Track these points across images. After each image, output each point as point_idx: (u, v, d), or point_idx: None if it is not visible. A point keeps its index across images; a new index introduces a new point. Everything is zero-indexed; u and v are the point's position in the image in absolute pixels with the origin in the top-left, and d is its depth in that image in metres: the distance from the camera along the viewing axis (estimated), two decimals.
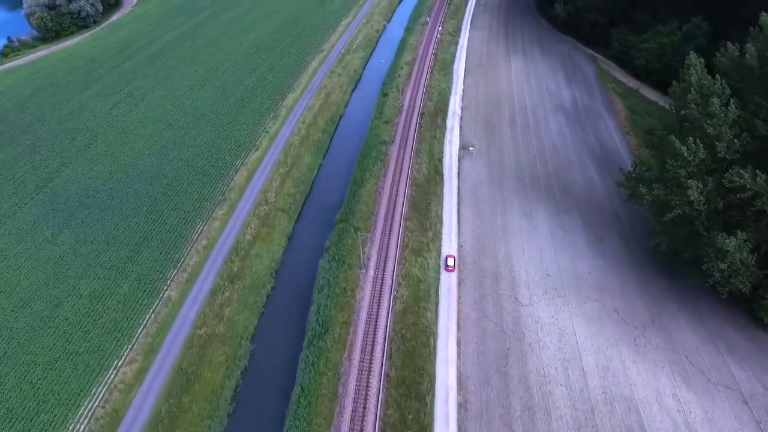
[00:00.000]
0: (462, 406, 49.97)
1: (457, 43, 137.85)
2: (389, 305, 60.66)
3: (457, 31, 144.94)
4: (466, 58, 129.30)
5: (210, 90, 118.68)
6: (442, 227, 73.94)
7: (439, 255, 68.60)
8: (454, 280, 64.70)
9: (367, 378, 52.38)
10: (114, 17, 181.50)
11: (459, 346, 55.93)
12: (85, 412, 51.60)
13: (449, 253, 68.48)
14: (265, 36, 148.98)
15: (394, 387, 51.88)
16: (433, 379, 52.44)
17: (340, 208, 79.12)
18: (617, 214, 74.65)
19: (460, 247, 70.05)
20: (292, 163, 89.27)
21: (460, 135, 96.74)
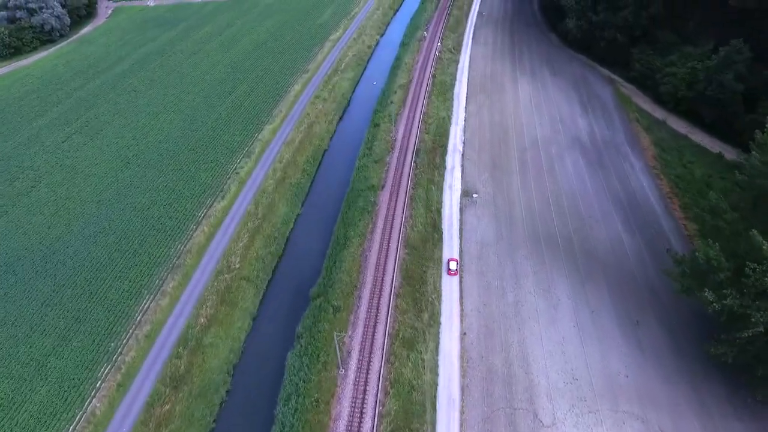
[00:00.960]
0: None
1: (457, 61, 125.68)
2: (373, 426, 47.92)
3: (457, 48, 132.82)
4: (468, 79, 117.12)
5: (178, 119, 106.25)
6: (440, 305, 61.37)
7: (437, 347, 56.05)
8: (456, 385, 52.04)
9: None
10: (85, 30, 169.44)
11: None
12: None
13: (449, 346, 55.90)
14: (244, 53, 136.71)
15: None
16: None
17: (318, 277, 66.55)
18: (653, 287, 62.22)
19: (463, 335, 57.46)
20: (263, 214, 76.71)
21: (462, 177, 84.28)
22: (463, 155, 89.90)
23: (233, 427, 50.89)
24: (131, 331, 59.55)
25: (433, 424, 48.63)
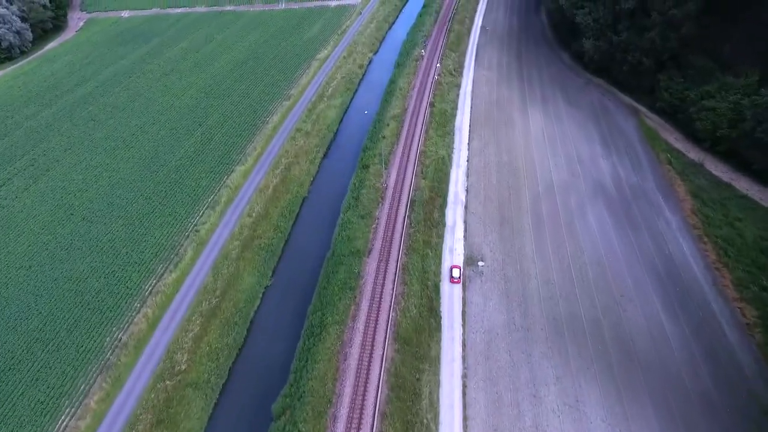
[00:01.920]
0: None
1: (458, 85, 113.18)
2: None
3: (458, 69, 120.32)
4: (471, 107, 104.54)
5: (137, 156, 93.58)
6: (437, 428, 48.47)
7: None
8: None
9: None
10: (51, 45, 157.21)
11: None
12: None
13: None
14: (221, 74, 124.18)
15: None
16: None
17: (284, 382, 53.68)
18: (708, 396, 49.64)
19: None
20: (223, 290, 63.91)
21: (465, 237, 71.56)
22: (466, 207, 77.18)
23: None
24: None
25: None
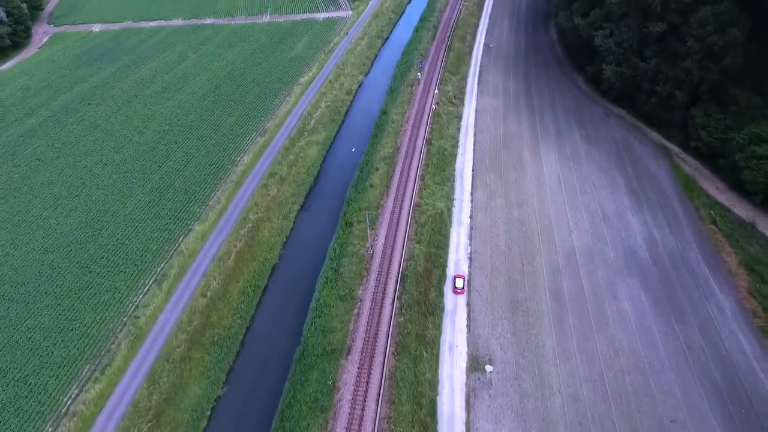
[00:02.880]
0: None
1: (460, 117, 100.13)
2: None
3: (459, 96, 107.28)
4: (475, 146, 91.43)
5: (81, 209, 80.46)
6: None
7: None
8: None
9: None
10: (7, 65, 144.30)
11: None
12: None
13: None
14: (191, 102, 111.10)
15: None
16: None
17: None
18: None
19: None
20: (159, 410, 50.57)
21: (469, 328, 58.32)
22: (469, 282, 63.91)
23: None
24: None
25: None
